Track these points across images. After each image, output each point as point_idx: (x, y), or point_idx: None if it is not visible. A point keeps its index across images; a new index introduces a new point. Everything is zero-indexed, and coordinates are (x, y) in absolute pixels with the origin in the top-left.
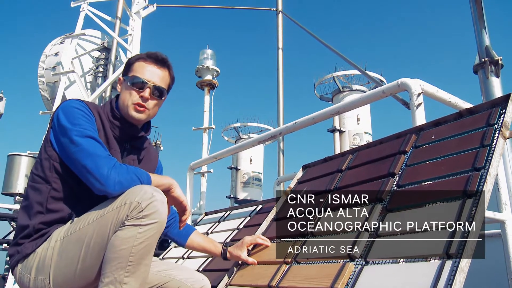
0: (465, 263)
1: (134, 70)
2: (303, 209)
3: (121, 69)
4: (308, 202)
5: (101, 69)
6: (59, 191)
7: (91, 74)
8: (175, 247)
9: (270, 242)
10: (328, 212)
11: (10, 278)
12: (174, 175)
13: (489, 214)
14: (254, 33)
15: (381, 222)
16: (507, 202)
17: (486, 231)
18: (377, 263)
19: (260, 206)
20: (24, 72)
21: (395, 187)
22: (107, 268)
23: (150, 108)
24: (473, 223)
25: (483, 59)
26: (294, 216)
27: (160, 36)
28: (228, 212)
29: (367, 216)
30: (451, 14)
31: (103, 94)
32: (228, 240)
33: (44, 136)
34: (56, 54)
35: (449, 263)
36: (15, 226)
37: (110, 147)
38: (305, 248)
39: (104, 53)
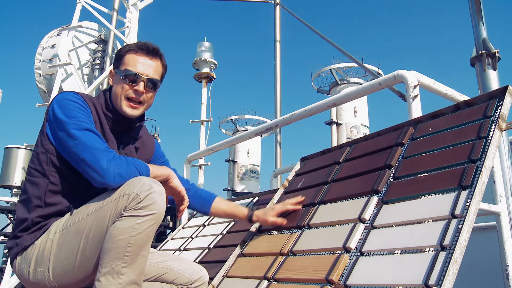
0: (458, 255)
1: (126, 63)
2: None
3: None
4: (305, 194)
5: (98, 61)
6: (57, 185)
7: (88, 66)
8: (172, 239)
9: (267, 234)
10: (325, 204)
11: (8, 270)
12: (171, 167)
13: (484, 206)
14: (252, 26)
15: (377, 214)
16: (503, 194)
17: (482, 223)
18: (372, 255)
19: (257, 198)
20: (20, 65)
21: (392, 179)
22: (105, 258)
23: (145, 101)
24: (468, 215)
25: (480, 52)
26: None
27: (158, 28)
28: None
29: (363, 208)
30: (449, 7)
31: (100, 87)
32: (224, 231)
33: (40, 129)
34: (52, 46)
35: (442, 254)
36: (12, 219)
37: (106, 139)
38: (301, 239)
39: (101, 45)
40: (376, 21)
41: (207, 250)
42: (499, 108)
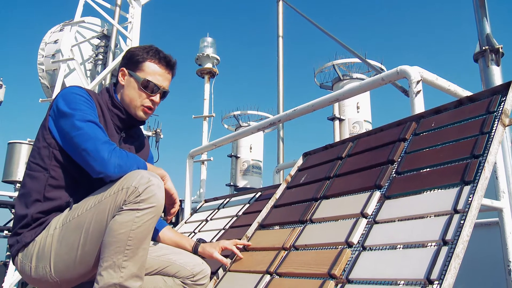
0: (460, 249)
1: (146, 72)
2: (302, 196)
3: (121, 56)
4: (308, 189)
5: (100, 56)
6: (58, 179)
7: (90, 61)
8: None
9: (270, 229)
10: (327, 199)
11: (12, 265)
12: (174, 163)
13: (487, 202)
14: (255, 21)
15: (379, 209)
16: (505, 190)
17: (484, 219)
18: (374, 249)
19: (259, 193)
20: (23, 60)
21: (394, 174)
22: (105, 252)
23: (155, 108)
24: (470, 210)
25: (483, 48)
26: (294, 202)
27: (160, 23)
28: (228, 199)
29: (366, 202)
30: (453, 3)
31: (103, 82)
32: (227, 226)
33: (41, 124)
34: (55, 42)
35: (444, 249)
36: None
37: (109, 134)
38: (303, 234)
39: (103, 41)
40: (379, 17)
41: None
42: (502, 103)
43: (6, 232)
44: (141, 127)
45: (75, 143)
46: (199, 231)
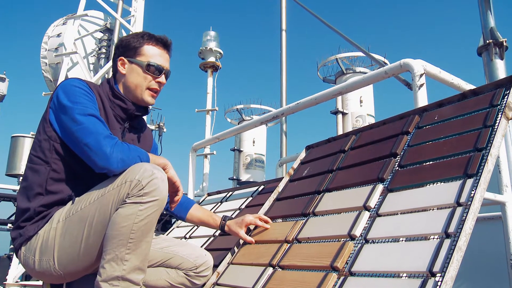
0: (463, 242)
1: (147, 55)
2: (305, 189)
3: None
4: (310, 182)
5: (103, 50)
6: (59, 172)
7: (93, 55)
8: (177, 227)
9: (272, 221)
10: (330, 192)
11: (15, 258)
12: (177, 156)
13: (489, 195)
14: (258, 15)
15: (382, 202)
16: (508, 184)
17: (487, 213)
18: (377, 242)
19: (262, 187)
20: (27, 53)
21: (397, 167)
22: (108, 245)
23: (160, 90)
24: (473, 203)
25: (487, 41)
26: (296, 195)
27: (163, 17)
28: (231, 193)
29: (368, 195)
30: None
31: (106, 75)
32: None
33: (42, 116)
34: (58, 35)
35: (447, 242)
36: None
37: (110, 126)
38: (306, 227)
39: (106, 34)
40: (382, 11)
41: (212, 238)
42: (506, 97)
43: (9, 225)
44: (144, 118)
45: (77, 138)
46: None
